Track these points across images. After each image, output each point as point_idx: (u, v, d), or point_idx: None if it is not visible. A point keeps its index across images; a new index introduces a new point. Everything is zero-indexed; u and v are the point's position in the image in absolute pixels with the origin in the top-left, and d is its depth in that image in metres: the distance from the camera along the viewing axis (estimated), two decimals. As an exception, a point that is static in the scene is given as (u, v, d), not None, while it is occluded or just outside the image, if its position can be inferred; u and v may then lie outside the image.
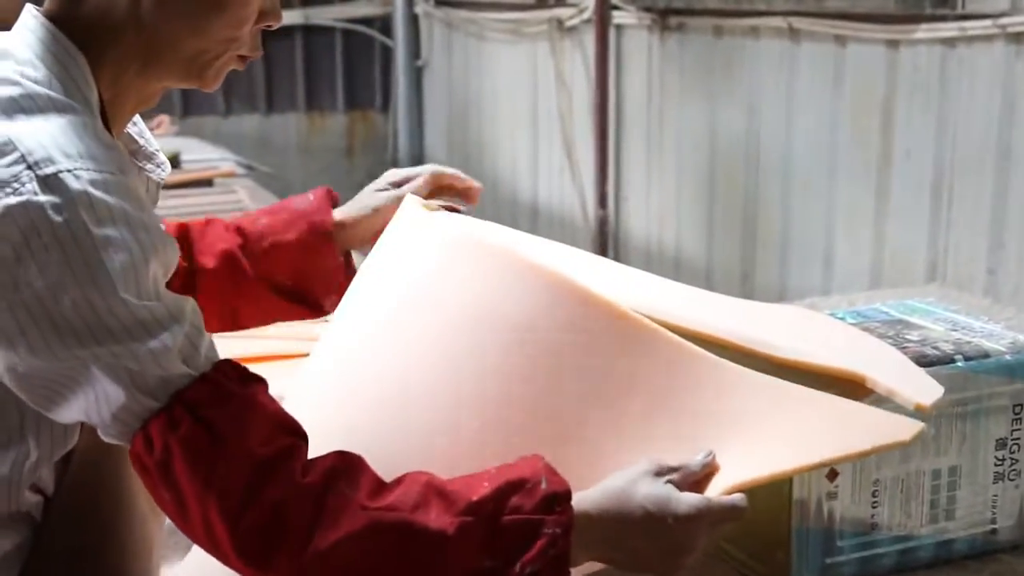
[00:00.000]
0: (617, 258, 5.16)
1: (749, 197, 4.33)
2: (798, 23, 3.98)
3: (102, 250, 0.92)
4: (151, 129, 4.68)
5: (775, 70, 4.14)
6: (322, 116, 7.42)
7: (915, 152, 3.59)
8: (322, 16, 7.21)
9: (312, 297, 1.39)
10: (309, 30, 7.18)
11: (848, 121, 3.83)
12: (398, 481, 0.98)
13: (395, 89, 7.38)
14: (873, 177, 3.73)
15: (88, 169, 0.94)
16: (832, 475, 1.24)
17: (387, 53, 7.41)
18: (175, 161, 4.53)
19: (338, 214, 1.39)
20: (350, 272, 1.40)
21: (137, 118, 1.18)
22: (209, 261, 1.36)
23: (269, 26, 1.10)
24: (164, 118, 5.69)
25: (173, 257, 1.00)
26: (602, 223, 5.16)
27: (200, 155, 5.07)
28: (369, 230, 1.38)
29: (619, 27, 5.02)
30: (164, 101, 5.66)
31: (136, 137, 1.19)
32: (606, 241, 5.18)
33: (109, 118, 1.05)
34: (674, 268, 4.79)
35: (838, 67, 3.85)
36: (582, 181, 5.33)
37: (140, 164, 1.18)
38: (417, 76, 7.32)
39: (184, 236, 1.37)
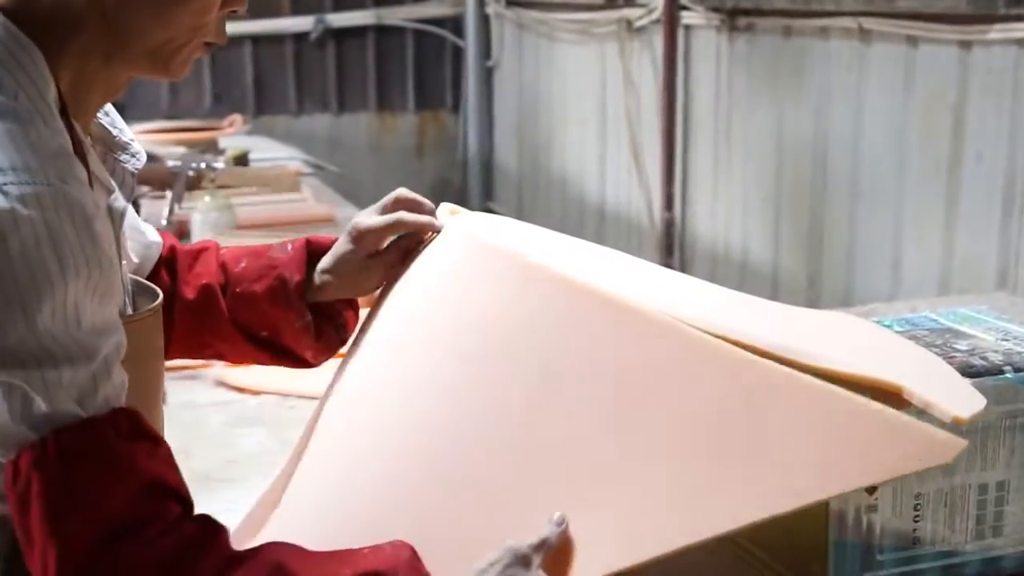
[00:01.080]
0: (682, 261, 5.11)
1: (816, 200, 4.26)
2: (868, 23, 3.90)
3: (17, 269, 0.90)
4: (223, 128, 4.70)
5: (844, 71, 4.07)
6: (393, 116, 7.45)
7: (987, 156, 3.50)
8: (394, 16, 7.24)
9: (285, 349, 1.31)
10: (381, 30, 7.22)
11: (918, 123, 3.75)
12: (253, 554, 0.97)
13: (465, 89, 7.40)
14: (943, 181, 3.65)
15: (20, 183, 0.91)
16: (871, 488, 1.21)
17: (458, 53, 7.43)
18: (243, 160, 4.58)
19: (319, 271, 1.29)
20: (336, 325, 1.32)
21: (110, 107, 1.16)
22: (190, 292, 1.30)
23: (234, 11, 1.07)
24: (236, 117, 5.75)
25: (105, 282, 0.96)
26: (668, 225, 5.12)
27: (269, 154, 5.12)
28: (347, 292, 1.31)
29: (688, 27, 4.97)
30: (237, 100, 5.74)
31: (108, 127, 1.16)
32: (672, 244, 5.13)
33: (73, 111, 1.04)
34: (740, 272, 4.73)
35: (909, 68, 3.77)
36: (648, 183, 5.29)
37: (115, 155, 1.16)
38: (487, 76, 7.33)
39: (172, 260, 1.33)
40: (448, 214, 1.29)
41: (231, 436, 1.91)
